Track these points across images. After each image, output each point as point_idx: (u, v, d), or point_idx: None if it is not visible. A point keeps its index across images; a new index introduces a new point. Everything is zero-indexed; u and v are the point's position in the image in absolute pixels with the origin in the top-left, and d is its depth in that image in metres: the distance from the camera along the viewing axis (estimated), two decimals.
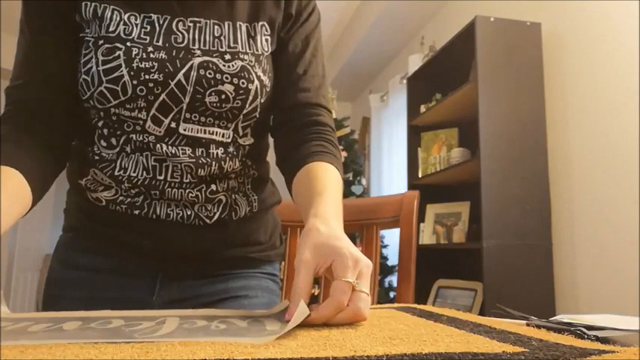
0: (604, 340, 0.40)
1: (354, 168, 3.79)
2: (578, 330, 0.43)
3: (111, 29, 0.70)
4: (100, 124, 0.74)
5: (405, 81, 3.33)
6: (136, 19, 0.71)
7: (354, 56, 4.34)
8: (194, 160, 0.73)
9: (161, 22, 0.72)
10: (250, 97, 0.73)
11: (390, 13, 3.60)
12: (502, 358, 0.33)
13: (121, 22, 0.70)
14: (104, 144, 0.74)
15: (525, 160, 2.21)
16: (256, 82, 0.74)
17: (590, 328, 0.44)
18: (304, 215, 0.65)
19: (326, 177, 0.71)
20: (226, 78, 0.71)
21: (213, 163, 0.75)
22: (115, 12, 0.71)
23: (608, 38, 2.02)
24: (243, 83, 0.72)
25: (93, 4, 0.71)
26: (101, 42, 0.70)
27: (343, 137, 3.79)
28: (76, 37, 0.72)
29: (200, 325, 0.46)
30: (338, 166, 0.75)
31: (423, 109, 2.91)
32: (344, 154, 3.71)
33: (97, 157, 0.75)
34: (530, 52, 2.31)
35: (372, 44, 4.10)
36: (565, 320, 0.48)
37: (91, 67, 0.69)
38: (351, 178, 3.76)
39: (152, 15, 0.72)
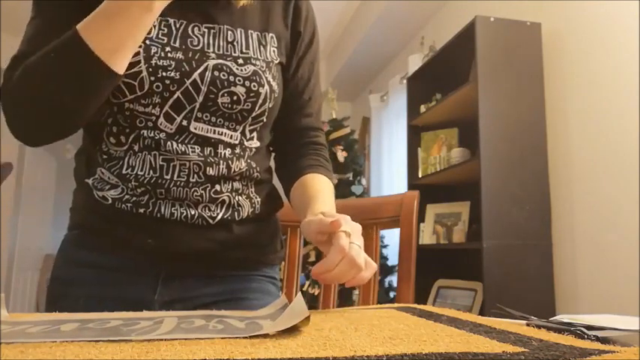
0: (604, 340, 0.40)
1: (354, 168, 3.78)
2: (578, 330, 0.43)
3: None
4: (109, 120, 0.75)
5: (405, 81, 3.33)
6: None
7: (354, 56, 4.34)
8: (203, 158, 0.75)
9: (177, 25, 0.75)
10: (260, 101, 0.77)
11: (390, 13, 3.60)
12: (502, 358, 0.33)
13: None
14: (113, 141, 0.75)
15: (525, 160, 2.21)
16: (266, 86, 0.78)
17: (590, 328, 0.44)
18: (302, 215, 0.73)
19: (320, 185, 0.81)
20: (239, 80, 0.75)
21: (221, 162, 0.77)
22: None
23: (608, 38, 2.02)
24: (254, 86, 0.76)
25: None
26: None
27: (343, 137, 3.78)
28: None
29: (198, 325, 0.46)
30: (330, 177, 0.85)
31: (423, 109, 2.91)
32: (344, 154, 3.71)
33: (105, 156, 0.76)
34: (530, 52, 2.30)
35: (372, 44, 4.10)
36: (565, 320, 0.48)
37: None
38: (351, 178, 3.75)
39: (169, 19, 0.75)
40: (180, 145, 0.74)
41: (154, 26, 0.73)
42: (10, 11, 3.67)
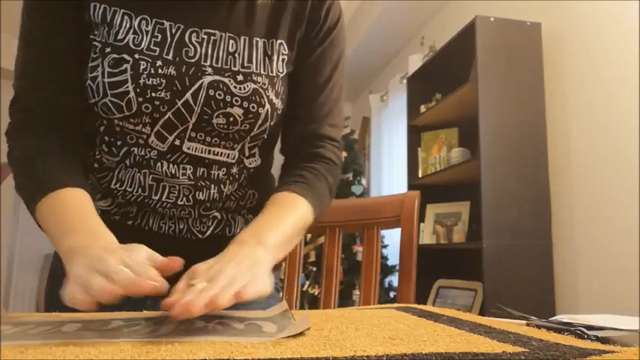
0: (604, 340, 0.40)
1: (354, 168, 3.79)
2: (578, 330, 0.43)
3: (119, 37, 0.67)
4: (102, 129, 0.73)
5: (405, 81, 3.33)
6: (147, 26, 0.68)
7: (354, 56, 4.34)
8: (193, 182, 0.73)
9: (173, 31, 0.69)
10: (260, 121, 0.72)
11: (390, 13, 3.60)
12: (502, 358, 0.33)
13: (131, 30, 0.67)
14: (105, 149, 0.74)
15: (525, 160, 2.21)
16: (267, 106, 0.71)
17: (590, 328, 0.44)
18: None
19: (278, 205, 0.70)
20: (236, 101, 0.69)
21: (213, 185, 0.74)
22: (125, 17, 0.68)
23: (608, 38, 2.02)
24: (253, 107, 0.70)
25: (102, 6, 0.67)
26: (108, 50, 0.67)
27: (343, 137, 3.78)
28: (86, 35, 0.69)
29: (198, 327, 0.46)
30: (308, 194, 0.73)
31: (423, 109, 2.91)
32: (344, 154, 3.71)
33: (96, 165, 0.75)
34: (530, 52, 2.30)
35: (372, 44, 4.10)
36: (565, 320, 0.48)
37: (97, 76, 0.67)
38: (351, 178, 3.76)
39: (165, 22, 0.69)
40: (171, 165, 0.71)
41: (146, 33, 0.67)
42: (11, 11, 3.67)
